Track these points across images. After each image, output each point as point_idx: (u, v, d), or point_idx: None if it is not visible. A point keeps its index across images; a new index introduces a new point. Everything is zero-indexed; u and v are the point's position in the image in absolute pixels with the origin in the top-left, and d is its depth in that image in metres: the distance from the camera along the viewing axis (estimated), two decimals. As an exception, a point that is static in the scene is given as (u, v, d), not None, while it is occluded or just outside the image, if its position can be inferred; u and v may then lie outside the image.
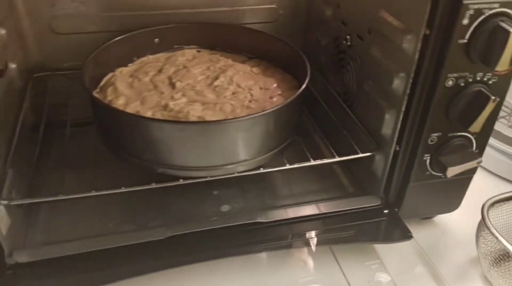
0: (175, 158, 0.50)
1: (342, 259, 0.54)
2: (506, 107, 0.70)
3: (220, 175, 0.51)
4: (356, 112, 0.60)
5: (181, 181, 0.50)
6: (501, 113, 0.71)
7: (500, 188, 0.66)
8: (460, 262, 0.56)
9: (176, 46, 0.67)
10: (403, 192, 0.54)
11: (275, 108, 0.49)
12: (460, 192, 0.56)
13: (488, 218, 0.50)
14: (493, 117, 0.49)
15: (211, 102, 0.55)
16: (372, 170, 0.57)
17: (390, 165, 0.54)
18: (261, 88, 0.60)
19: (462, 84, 0.46)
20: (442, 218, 0.61)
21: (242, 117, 0.49)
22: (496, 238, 0.48)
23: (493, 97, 0.45)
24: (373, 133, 0.56)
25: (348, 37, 0.61)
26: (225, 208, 0.56)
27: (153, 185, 0.50)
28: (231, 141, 0.49)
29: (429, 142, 0.50)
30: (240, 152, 0.50)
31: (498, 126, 0.71)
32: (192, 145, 0.48)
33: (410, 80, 0.48)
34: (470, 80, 0.46)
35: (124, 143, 0.51)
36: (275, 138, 0.53)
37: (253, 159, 0.51)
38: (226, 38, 0.67)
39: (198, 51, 0.68)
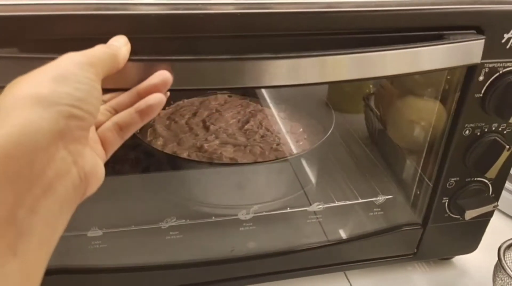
0: (208, 197, 0.54)
1: None
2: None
3: (249, 214, 0.54)
4: (379, 156, 0.64)
5: (213, 218, 0.54)
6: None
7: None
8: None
9: (209, 91, 0.73)
10: (422, 233, 0.57)
11: (301, 152, 0.53)
12: (478, 234, 0.59)
13: (504, 260, 0.52)
14: (508, 164, 0.53)
15: (242, 144, 0.59)
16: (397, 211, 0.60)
17: (411, 206, 0.57)
18: (288, 132, 0.64)
19: (478, 134, 0.50)
20: (461, 259, 0.63)
21: (271, 160, 0.53)
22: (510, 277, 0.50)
23: (507, 146, 0.49)
24: (394, 176, 0.60)
25: (371, 85, 0.66)
26: (251, 244, 0.60)
27: (188, 221, 0.53)
28: (259, 182, 0.53)
29: (448, 186, 0.53)
30: (268, 193, 0.54)
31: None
32: (223, 185, 0.53)
33: (431, 129, 0.52)
34: (486, 130, 0.50)
35: (162, 182, 0.56)
36: (302, 179, 0.57)
37: (280, 199, 0.55)
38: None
39: (230, 96, 0.73)
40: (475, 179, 0.53)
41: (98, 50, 0.30)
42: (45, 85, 0.26)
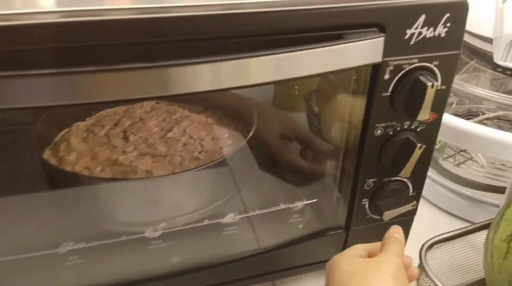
0: (115, 214, 0.51)
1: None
2: (450, 147, 0.74)
3: (168, 228, 0.52)
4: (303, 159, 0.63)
5: (120, 238, 0.51)
6: (448, 152, 0.75)
7: (451, 225, 0.69)
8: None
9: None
10: (346, 236, 0.56)
11: (218, 160, 0.52)
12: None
13: (426, 262, 0.52)
14: (423, 162, 0.52)
15: (161, 155, 0.57)
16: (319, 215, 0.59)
17: (334, 209, 0.56)
18: (213, 139, 0.62)
19: (391, 133, 0.49)
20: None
21: (182, 171, 0.51)
22: (435, 283, 0.50)
23: (419, 144, 0.48)
24: (319, 180, 0.59)
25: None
26: (175, 259, 0.57)
27: (90, 244, 0.50)
28: (175, 195, 0.51)
29: (366, 187, 0.52)
30: (183, 206, 0.52)
31: (446, 164, 0.74)
32: (134, 201, 0.50)
33: (345, 131, 0.51)
34: (398, 128, 0.49)
35: (65, 200, 0.53)
36: (222, 188, 0.55)
37: (200, 210, 0.53)
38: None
39: (157, 103, 0.71)
40: (393, 178, 0.53)
41: (399, 246, 0.44)
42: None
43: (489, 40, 0.67)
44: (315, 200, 0.57)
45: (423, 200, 0.74)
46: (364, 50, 0.43)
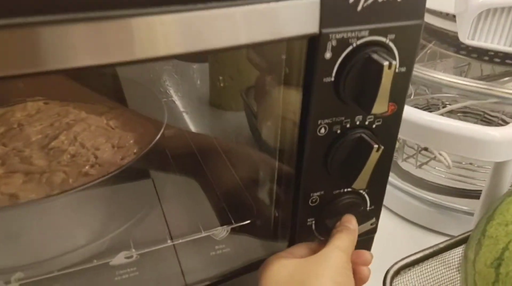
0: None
1: None
2: (411, 147, 0.63)
3: (41, 275, 0.37)
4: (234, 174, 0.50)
5: None
6: (409, 152, 0.64)
7: (418, 237, 0.58)
8: None
9: (18, 99, 0.55)
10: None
11: (108, 175, 0.37)
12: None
13: (392, 294, 0.40)
14: (382, 168, 0.40)
15: (38, 172, 0.42)
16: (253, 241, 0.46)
17: (272, 232, 0.43)
18: (113, 147, 0.48)
19: (339, 131, 0.37)
20: None
21: (62, 192, 0.37)
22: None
23: (376, 146, 0.36)
24: (253, 197, 0.46)
25: (220, 77, 0.52)
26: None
27: None
28: (49, 225, 0.36)
29: (311, 204, 0.40)
30: (58, 243, 0.37)
31: (407, 166, 0.63)
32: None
33: (279, 131, 0.39)
34: (348, 125, 0.37)
35: None
36: (120, 213, 0.41)
37: (74, 251, 0.38)
38: (79, 86, 0.56)
39: (46, 103, 0.55)
40: (345, 190, 0.40)
41: (348, 239, 0.37)
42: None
43: (450, 17, 0.57)
44: (248, 222, 0.44)
45: (384, 210, 0.63)
46: (292, 15, 0.30)
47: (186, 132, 0.56)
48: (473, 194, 0.58)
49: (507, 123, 0.50)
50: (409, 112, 0.48)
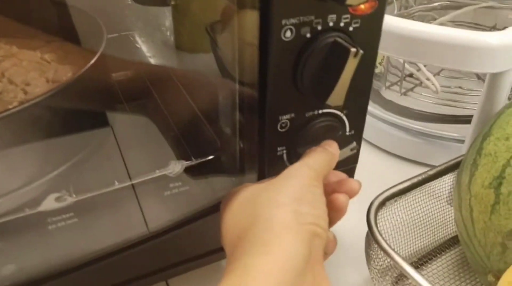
0: None
1: None
2: (394, 74, 0.57)
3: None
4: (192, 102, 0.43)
5: None
6: (392, 79, 0.58)
7: (404, 172, 0.53)
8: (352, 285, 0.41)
9: None
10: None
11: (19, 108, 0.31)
12: (344, 190, 0.41)
13: (377, 226, 0.35)
14: (362, 81, 0.34)
15: (-48, 112, 0.35)
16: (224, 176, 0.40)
17: (239, 167, 0.38)
18: (48, 82, 0.41)
19: (308, 35, 0.30)
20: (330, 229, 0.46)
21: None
22: (387, 253, 0.33)
23: (353, 49, 0.30)
24: (216, 130, 0.40)
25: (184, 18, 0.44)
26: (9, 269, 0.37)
27: None
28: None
29: (280, 129, 0.34)
30: None
31: (391, 95, 0.57)
32: None
33: (236, 41, 0.32)
34: (319, 27, 0.30)
35: None
36: (59, 156, 0.34)
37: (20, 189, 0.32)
38: (13, 21, 0.48)
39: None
40: (320, 112, 0.34)
41: (321, 158, 0.31)
42: (291, 207, 0.26)
43: None
44: (210, 157, 0.38)
45: (365, 144, 0.58)
46: None
47: (138, 65, 0.49)
48: (464, 119, 0.53)
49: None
50: (394, 23, 0.42)
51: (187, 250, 0.40)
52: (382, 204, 0.38)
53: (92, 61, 0.36)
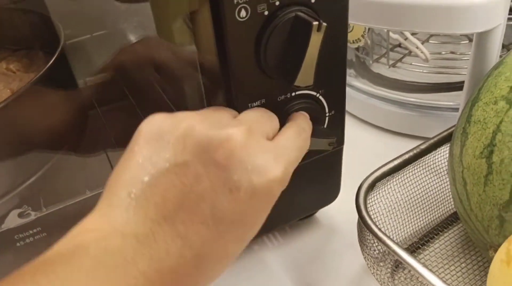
0: None
1: None
2: (380, 45, 0.54)
3: None
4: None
5: None
6: (379, 52, 0.56)
7: (399, 147, 0.50)
8: (350, 274, 0.39)
9: None
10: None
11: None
12: (333, 172, 0.39)
13: (367, 210, 0.33)
14: (334, 55, 0.32)
15: None
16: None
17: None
18: (12, 92, 0.39)
19: (266, 13, 0.28)
20: (324, 214, 0.44)
21: None
22: (379, 239, 0.31)
23: (315, 22, 0.27)
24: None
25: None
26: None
27: None
28: None
29: (251, 117, 0.32)
30: None
31: (377, 67, 0.55)
32: None
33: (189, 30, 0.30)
34: (277, 3, 0.28)
35: None
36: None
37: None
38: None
39: None
40: (294, 94, 0.32)
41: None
42: None
43: None
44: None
45: (357, 121, 0.55)
46: None
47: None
48: (458, 86, 0.50)
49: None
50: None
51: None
52: (372, 185, 0.35)
53: (48, 65, 0.34)
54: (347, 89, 0.38)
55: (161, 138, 0.24)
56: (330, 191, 0.41)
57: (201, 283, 0.24)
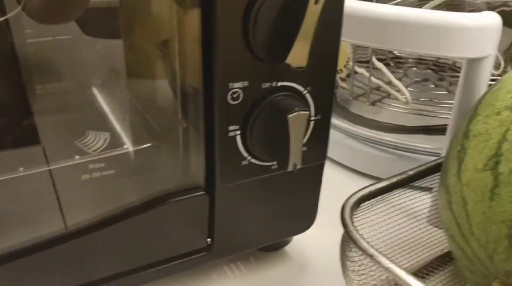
0: None
1: None
2: (360, 87, 0.52)
3: None
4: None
5: None
6: (358, 91, 0.54)
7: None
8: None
9: None
10: (211, 203, 0.30)
11: None
12: (311, 193, 0.35)
13: (354, 226, 0.28)
14: (328, 41, 0.29)
15: None
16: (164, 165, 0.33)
17: (182, 153, 0.30)
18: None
19: (259, -17, 0.25)
20: (295, 245, 0.38)
21: None
22: (370, 255, 0.26)
23: (314, -6, 0.25)
24: (154, 114, 0.33)
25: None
26: None
27: None
28: None
29: (231, 101, 0.27)
30: None
31: (357, 107, 0.53)
32: None
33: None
34: (272, -27, 0.26)
35: None
36: None
37: None
38: None
39: None
40: (279, 84, 0.29)
41: None
42: None
43: None
44: (148, 145, 0.31)
45: (333, 164, 0.52)
46: None
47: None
48: (438, 129, 0.48)
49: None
50: (357, 6, 0.38)
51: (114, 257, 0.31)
52: (357, 203, 0.31)
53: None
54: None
55: None
56: (305, 215, 0.36)
57: None
